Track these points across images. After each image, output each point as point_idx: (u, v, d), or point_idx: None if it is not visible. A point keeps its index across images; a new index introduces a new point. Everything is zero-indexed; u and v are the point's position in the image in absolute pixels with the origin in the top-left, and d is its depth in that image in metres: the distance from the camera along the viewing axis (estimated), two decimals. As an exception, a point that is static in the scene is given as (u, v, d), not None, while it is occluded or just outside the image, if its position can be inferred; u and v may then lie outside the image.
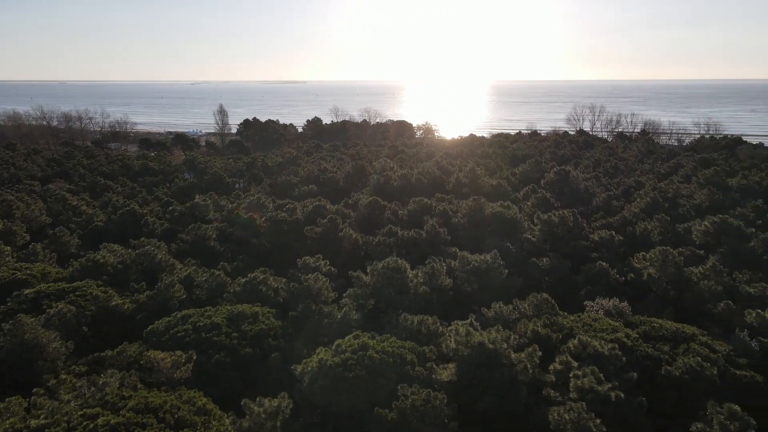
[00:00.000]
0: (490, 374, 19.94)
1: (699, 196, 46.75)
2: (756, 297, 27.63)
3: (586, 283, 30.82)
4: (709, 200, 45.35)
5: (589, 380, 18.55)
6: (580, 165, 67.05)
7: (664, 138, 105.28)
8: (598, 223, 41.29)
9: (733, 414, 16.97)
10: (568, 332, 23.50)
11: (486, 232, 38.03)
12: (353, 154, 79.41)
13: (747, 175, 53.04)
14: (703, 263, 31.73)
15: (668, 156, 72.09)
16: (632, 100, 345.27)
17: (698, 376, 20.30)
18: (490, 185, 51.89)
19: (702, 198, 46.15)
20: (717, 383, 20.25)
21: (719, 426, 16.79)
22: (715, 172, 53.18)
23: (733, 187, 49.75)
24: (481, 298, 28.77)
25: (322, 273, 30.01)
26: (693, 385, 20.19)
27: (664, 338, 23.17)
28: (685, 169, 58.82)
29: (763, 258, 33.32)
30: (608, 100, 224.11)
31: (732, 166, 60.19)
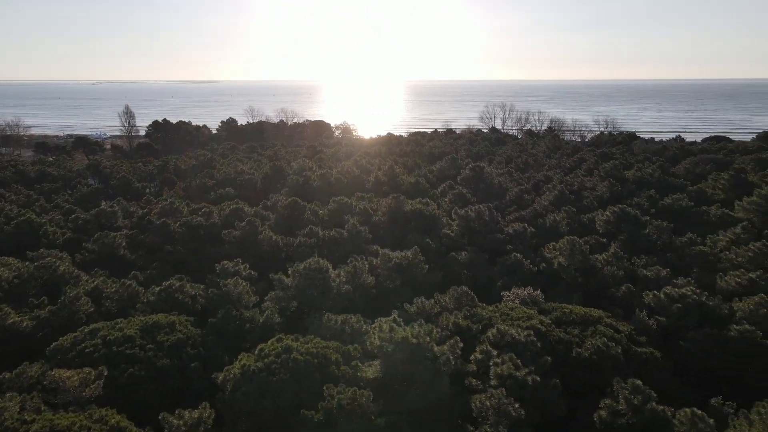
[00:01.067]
0: (414, 368, 20.28)
1: (600, 188, 50.06)
2: (652, 279, 30.02)
3: (503, 275, 32.09)
4: (610, 191, 48.71)
5: (508, 367, 19.34)
6: (493, 161, 69.78)
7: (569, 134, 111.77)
8: (512, 217, 43.13)
9: (636, 388, 18.36)
10: (488, 322, 24.38)
11: (406, 229, 38.64)
12: (271, 155, 77.99)
13: (641, 167, 57.48)
14: (606, 250, 34.01)
15: (572, 151, 76.57)
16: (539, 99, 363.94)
17: (605, 355, 21.77)
18: (408, 183, 52.76)
19: (603, 190, 49.46)
20: (621, 361, 21.80)
21: (624, 400, 18.09)
22: (614, 166, 57.17)
23: (630, 179, 53.71)
24: (403, 294, 29.21)
25: (242, 277, 29.22)
26: (600, 364, 21.62)
27: (574, 322, 24.63)
28: (587, 164, 62.73)
29: (657, 243, 36.27)
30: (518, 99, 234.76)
31: (628, 160, 64.96)
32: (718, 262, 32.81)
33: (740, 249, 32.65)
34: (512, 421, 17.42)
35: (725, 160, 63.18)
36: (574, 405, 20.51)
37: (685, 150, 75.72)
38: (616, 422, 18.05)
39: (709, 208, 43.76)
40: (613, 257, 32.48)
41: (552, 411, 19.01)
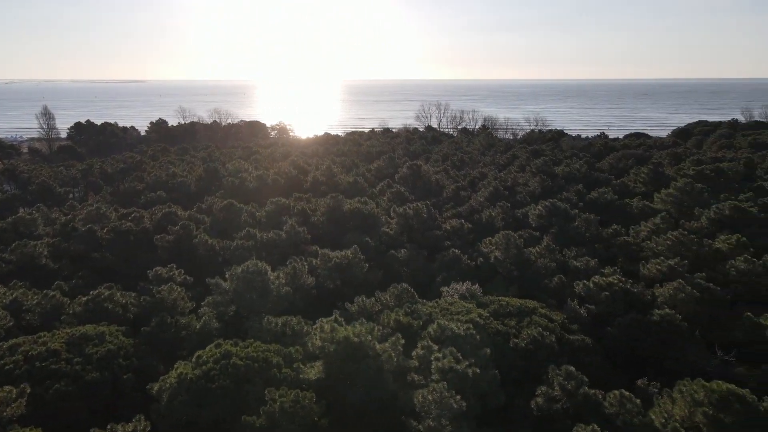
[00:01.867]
0: (357, 367, 20.28)
1: (533, 184, 51.89)
2: (582, 270, 31.42)
3: (442, 270, 32.64)
4: (541, 187, 50.58)
5: (449, 361, 19.68)
6: (430, 159, 70.85)
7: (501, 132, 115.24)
8: (449, 213, 43.93)
9: (570, 374, 19.17)
10: (428, 318, 24.71)
11: (345, 229, 38.57)
12: (204, 156, 75.74)
13: (569, 163, 60.05)
14: (539, 243, 35.28)
15: (506, 148, 78.99)
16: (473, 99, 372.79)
17: (540, 344, 22.58)
18: (347, 182, 52.69)
19: (535, 185, 51.30)
20: (556, 349, 22.69)
21: (559, 386, 18.85)
22: (545, 162, 59.43)
23: (559, 174, 55.99)
24: (344, 294, 29.14)
25: (176, 283, 28.22)
26: (536, 353, 22.41)
27: (511, 314, 25.40)
28: (520, 160, 64.88)
29: (586, 235, 38.01)
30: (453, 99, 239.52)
31: (557, 156, 67.71)
32: (641, 251, 34.78)
33: (660, 238, 34.74)
34: (454, 414, 17.74)
35: (645, 155, 67.08)
36: (512, 393, 21.15)
37: (608, 146, 79.77)
38: (552, 407, 18.78)
39: (631, 201, 46.32)
40: (546, 250, 33.74)
41: (492, 400, 19.54)
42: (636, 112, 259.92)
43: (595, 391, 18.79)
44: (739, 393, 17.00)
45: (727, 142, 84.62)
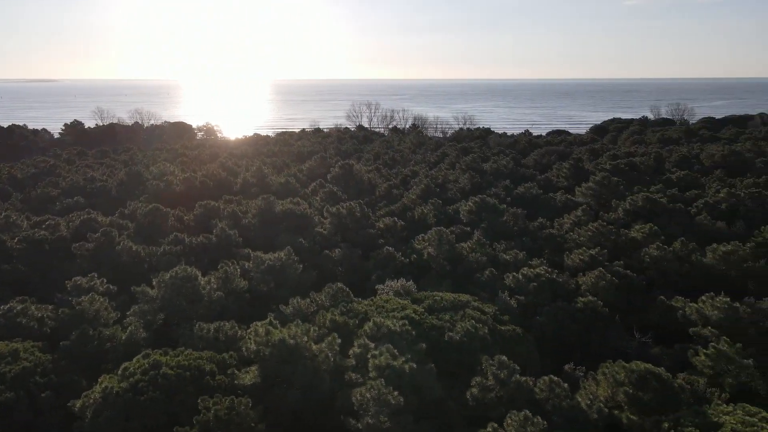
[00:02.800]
0: (293, 369, 20.04)
1: (462, 180, 53.18)
2: (511, 262, 32.54)
3: (376, 268, 32.80)
4: (471, 183, 51.94)
5: (386, 358, 19.82)
6: (362, 158, 71.02)
7: (431, 130, 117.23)
8: (382, 212, 44.22)
9: (502, 364, 19.80)
10: (364, 316, 24.77)
11: (278, 230, 37.97)
12: (126, 159, 72.26)
13: (497, 160, 62.05)
14: (470, 238, 36.20)
15: (436, 146, 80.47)
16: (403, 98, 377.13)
17: (473, 336, 23.16)
18: (278, 183, 51.88)
19: (465, 182, 52.60)
20: (488, 340, 23.34)
21: (492, 376, 19.42)
22: (473, 159, 61.07)
23: (488, 170, 57.73)
24: (278, 296, 28.68)
25: (98, 293, 26.74)
26: (470, 345, 22.96)
27: (445, 308, 25.89)
28: (450, 158, 66.31)
29: (514, 229, 39.41)
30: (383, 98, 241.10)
31: (485, 153, 69.79)
32: (565, 243, 36.47)
33: (581, 229, 36.59)
34: (392, 409, 17.89)
35: (566, 152, 70.42)
36: (448, 386, 21.57)
37: (532, 143, 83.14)
38: (487, 397, 19.32)
39: (555, 195, 48.51)
40: (477, 244, 34.67)
41: (429, 394, 19.84)
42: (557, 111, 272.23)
43: (526, 378, 19.50)
44: (656, 371, 18.21)
45: (638, 138, 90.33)
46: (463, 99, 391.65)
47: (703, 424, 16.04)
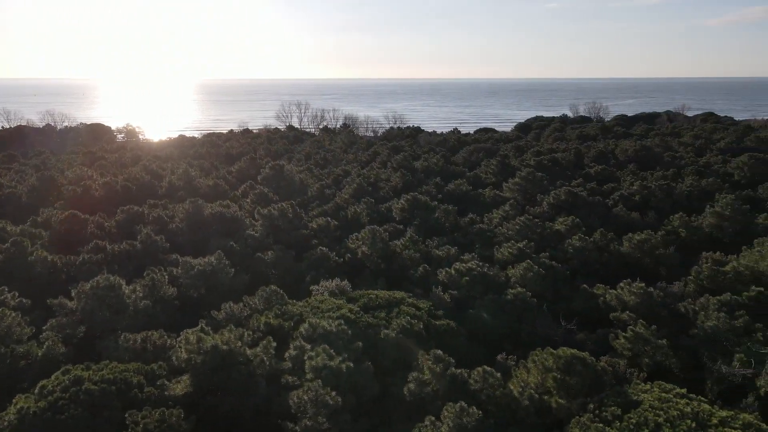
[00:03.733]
0: (227, 375, 19.52)
1: (394, 179, 53.69)
2: (444, 258, 33.19)
3: (311, 269, 32.51)
4: (402, 181, 52.53)
5: (322, 358, 19.69)
6: (293, 159, 70.17)
7: (362, 130, 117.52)
8: (315, 212, 43.89)
9: (438, 358, 20.15)
10: (299, 318, 24.50)
11: (208, 234, 36.84)
12: (38, 164, 67.62)
13: (427, 158, 63.11)
14: (403, 236, 36.61)
15: (367, 146, 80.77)
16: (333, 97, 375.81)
17: (409, 332, 23.46)
18: (206, 186, 50.33)
19: (397, 180, 53.14)
20: (423, 335, 23.72)
21: (428, 370, 19.74)
22: (404, 158, 61.79)
23: (419, 168, 58.60)
24: (210, 302, 27.82)
25: (9, 307, 24.85)
26: (406, 341, 23.24)
27: (380, 306, 26.06)
28: (381, 156, 66.75)
29: (446, 225, 40.23)
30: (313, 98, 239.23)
31: (416, 152, 70.81)
32: (494, 237, 37.64)
33: (510, 223, 37.90)
34: (330, 410, 17.81)
35: (493, 149, 72.66)
36: (386, 383, 21.73)
37: (461, 141, 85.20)
38: (424, 391, 19.61)
39: (483, 191, 49.97)
40: (410, 241, 35.11)
41: (367, 392, 19.91)
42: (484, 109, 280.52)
43: (461, 370, 19.96)
44: (581, 356, 19.14)
45: (560, 135, 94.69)
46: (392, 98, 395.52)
47: (624, 403, 17.03)
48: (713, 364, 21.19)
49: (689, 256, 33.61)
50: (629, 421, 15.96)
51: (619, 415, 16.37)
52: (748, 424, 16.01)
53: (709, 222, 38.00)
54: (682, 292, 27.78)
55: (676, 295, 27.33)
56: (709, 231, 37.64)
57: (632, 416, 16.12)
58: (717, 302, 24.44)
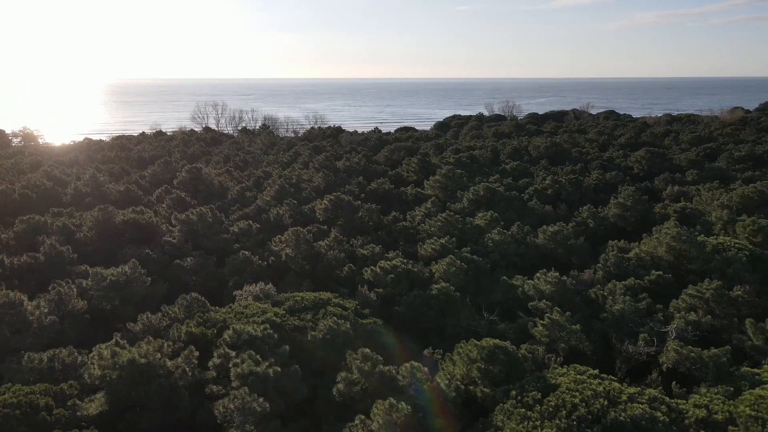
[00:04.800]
0: (147, 390, 18.60)
1: (317, 179, 53.31)
2: (369, 257, 33.37)
3: (233, 274, 31.64)
4: (325, 182, 52.26)
5: (248, 365, 19.22)
6: (211, 161, 67.89)
7: (283, 131, 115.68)
8: (236, 215, 42.74)
9: (366, 356, 20.23)
10: (223, 325, 23.79)
11: (120, 242, 34.89)
12: None
13: (349, 157, 63.15)
14: (327, 236, 36.42)
15: (288, 146, 79.61)
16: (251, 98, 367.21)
17: (336, 333, 23.38)
18: (117, 191, 47.60)
19: (319, 180, 52.80)
20: (351, 335, 23.72)
21: (357, 369, 19.77)
22: (326, 158, 61.49)
23: (341, 168, 58.52)
24: (125, 314, 26.39)
25: None
26: (333, 341, 23.16)
27: (306, 308, 25.81)
28: (303, 157, 66.05)
29: (369, 224, 40.46)
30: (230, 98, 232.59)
31: (338, 151, 70.66)
32: (417, 234, 38.32)
33: (432, 220, 38.71)
34: (258, 417, 17.43)
35: (414, 147, 73.94)
36: (315, 385, 21.57)
37: (382, 140, 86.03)
38: (353, 390, 19.63)
39: (405, 189, 50.71)
40: (335, 242, 35.00)
41: (295, 396, 19.66)
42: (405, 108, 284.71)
43: (389, 367, 20.14)
44: (503, 345, 19.92)
45: (477, 133, 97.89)
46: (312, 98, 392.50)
47: (544, 387, 17.89)
48: (621, 344, 22.72)
49: (597, 245, 35.90)
50: (548, 404, 16.78)
51: (539, 399, 17.17)
52: (653, 398, 17.31)
53: (614, 212, 40.72)
54: (592, 279, 29.58)
55: (586, 282, 29.06)
56: (614, 221, 40.35)
57: (551, 399, 16.96)
58: (623, 287, 26.24)
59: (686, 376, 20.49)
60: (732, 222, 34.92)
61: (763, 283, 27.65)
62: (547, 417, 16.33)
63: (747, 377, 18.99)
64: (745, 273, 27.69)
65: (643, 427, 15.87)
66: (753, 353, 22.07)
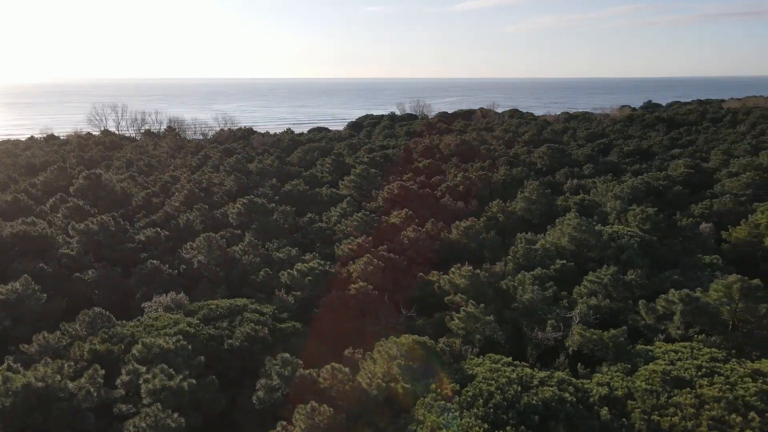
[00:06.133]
0: (47, 415, 17.21)
1: (228, 182, 51.71)
2: (285, 260, 32.85)
3: (141, 285, 29.99)
4: (237, 185, 50.82)
5: (160, 380, 18.32)
6: (112, 167, 63.80)
7: (190, 133, 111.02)
8: (143, 223, 40.55)
9: (285, 361, 19.93)
10: (131, 339, 22.51)
11: (10, 257, 31.97)
12: None
13: (262, 159, 61.87)
14: (241, 241, 35.46)
15: (197, 149, 76.56)
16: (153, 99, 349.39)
17: (254, 339, 22.85)
18: (4, 201, 43.53)
19: (231, 184, 51.24)
20: (269, 340, 23.27)
21: (277, 375, 19.42)
22: (238, 160, 59.82)
23: (254, 171, 57.19)
24: (18, 334, 24.24)
25: None
26: (252, 348, 22.61)
27: (222, 316, 24.99)
28: (213, 160, 63.81)
29: (285, 226, 39.85)
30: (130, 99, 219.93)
31: (250, 154, 68.99)
32: (334, 234, 38.22)
33: (348, 220, 38.77)
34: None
35: (327, 147, 73.67)
36: (233, 394, 20.94)
37: (295, 141, 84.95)
38: (274, 397, 19.26)
39: (320, 190, 50.41)
40: (249, 246, 34.14)
41: (213, 407, 18.99)
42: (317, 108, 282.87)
43: (310, 370, 19.95)
44: (422, 341, 20.32)
45: (389, 132, 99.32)
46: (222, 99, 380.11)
47: (462, 378, 18.47)
48: (531, 331, 23.93)
49: (507, 238, 37.56)
50: (467, 394, 17.34)
51: (458, 390, 17.69)
52: (561, 381, 18.38)
53: (521, 206, 42.81)
54: (503, 271, 30.89)
55: (498, 275, 30.32)
56: (521, 214, 42.40)
57: (469, 389, 17.54)
58: (531, 277, 27.63)
59: (590, 357, 21.93)
60: (624, 211, 37.83)
61: (653, 266, 30.20)
62: (465, 407, 16.86)
63: (642, 354, 20.64)
64: (637, 258, 30.10)
65: (553, 408, 16.80)
66: (646, 331, 24.03)
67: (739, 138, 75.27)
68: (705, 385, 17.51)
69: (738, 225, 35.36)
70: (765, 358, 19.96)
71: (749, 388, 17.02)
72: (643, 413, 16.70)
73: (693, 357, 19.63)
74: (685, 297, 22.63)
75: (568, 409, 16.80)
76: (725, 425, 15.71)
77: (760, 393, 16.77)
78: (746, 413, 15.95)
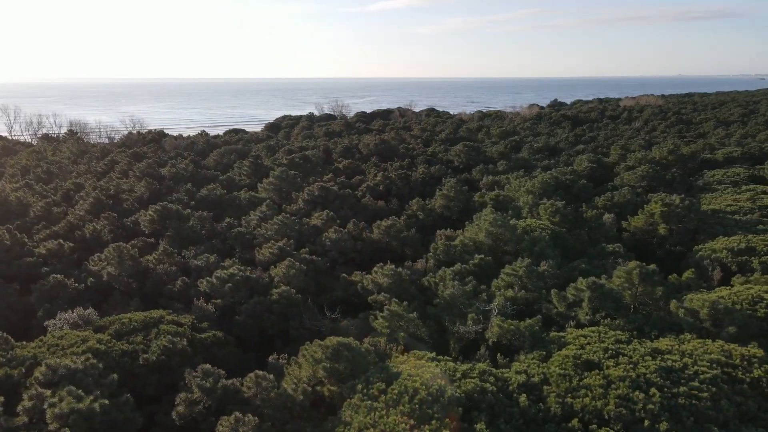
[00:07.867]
0: (-65, 454, 15.57)
1: (139, 189, 49.13)
2: (203, 267, 31.72)
3: (43, 302, 27.84)
4: (149, 191, 48.39)
5: (68, 402, 17.08)
6: (4, 174, 58.72)
7: (94, 137, 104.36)
8: (42, 235, 37.65)
9: (206, 372, 19.26)
10: (33, 361, 20.84)
11: None
12: None
13: (175, 163, 59.29)
14: (155, 250, 33.83)
15: (102, 154, 72.10)
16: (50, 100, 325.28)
17: (172, 352, 21.88)
18: None
19: (142, 190, 48.71)
20: (189, 352, 22.37)
21: (197, 387, 18.72)
22: (149, 165, 56.92)
23: (166, 175, 54.67)
24: None
25: None
26: (170, 361, 21.64)
27: (136, 329, 23.72)
28: (120, 165, 60.37)
29: (202, 233, 38.46)
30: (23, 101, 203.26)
31: (161, 158, 65.81)
32: (254, 239, 37.32)
33: (268, 224, 38.00)
34: (85, 459, 15.60)
35: (245, 150, 71.87)
36: (151, 411, 19.96)
37: (211, 143, 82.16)
38: (195, 410, 18.56)
39: (239, 193, 49.07)
40: (164, 255, 32.67)
41: (128, 428, 17.95)
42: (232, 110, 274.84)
43: (233, 380, 19.42)
44: (346, 342, 20.29)
45: (308, 133, 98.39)
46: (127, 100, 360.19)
47: (387, 377, 18.66)
48: (453, 326, 24.60)
49: (427, 235, 38.38)
50: (392, 392, 17.54)
51: (383, 389, 17.85)
52: (482, 372, 19.04)
53: (440, 203, 43.87)
54: (424, 268, 31.53)
55: (420, 272, 30.91)
56: (440, 211, 43.46)
57: (395, 387, 17.75)
58: (451, 272, 28.38)
59: (508, 347, 22.87)
60: (536, 205, 39.77)
61: (563, 256, 31.98)
62: (391, 405, 17.05)
63: (555, 341, 21.81)
64: (549, 249, 31.74)
65: (475, 399, 17.38)
66: (558, 319, 25.40)
67: (634, 134, 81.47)
68: (611, 366, 18.78)
69: (636, 215, 38.26)
70: (662, 336, 21.70)
71: (649, 366, 18.44)
72: (557, 396, 17.65)
73: (600, 340, 20.99)
74: (592, 284, 24.13)
75: (490, 399, 17.44)
76: (630, 402, 16.92)
77: (659, 370, 18.21)
78: (648, 389, 17.26)
